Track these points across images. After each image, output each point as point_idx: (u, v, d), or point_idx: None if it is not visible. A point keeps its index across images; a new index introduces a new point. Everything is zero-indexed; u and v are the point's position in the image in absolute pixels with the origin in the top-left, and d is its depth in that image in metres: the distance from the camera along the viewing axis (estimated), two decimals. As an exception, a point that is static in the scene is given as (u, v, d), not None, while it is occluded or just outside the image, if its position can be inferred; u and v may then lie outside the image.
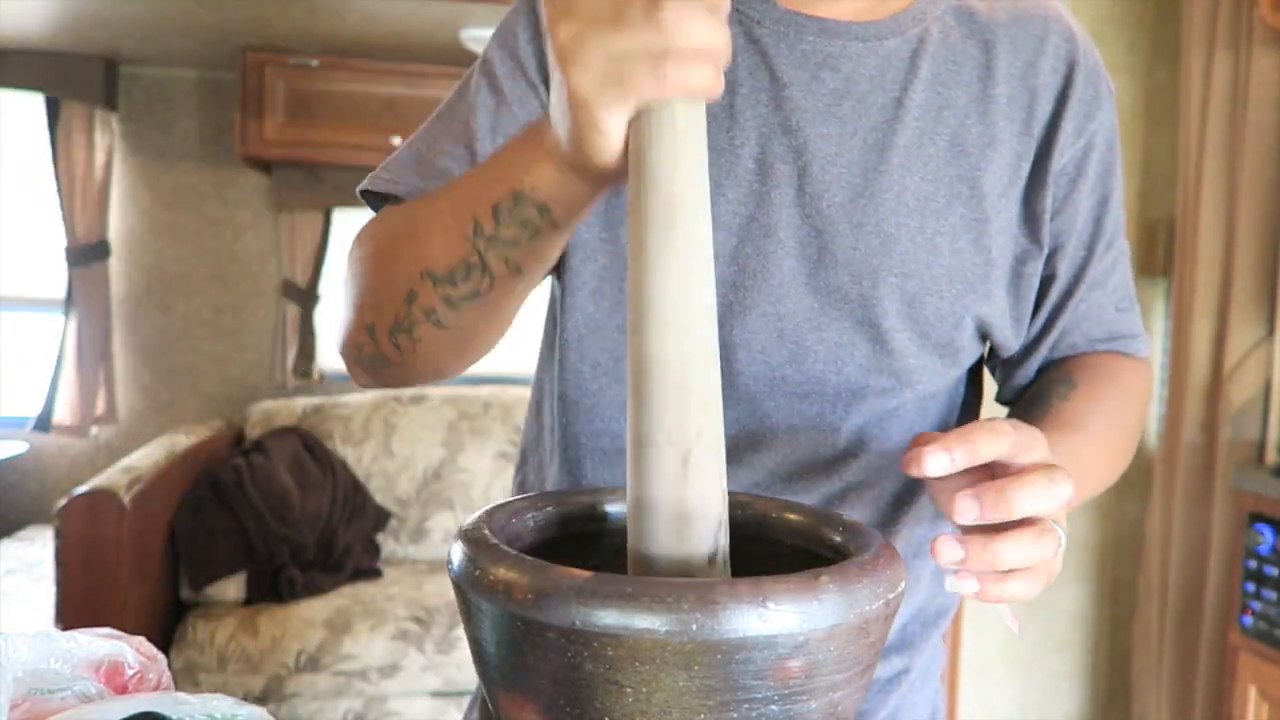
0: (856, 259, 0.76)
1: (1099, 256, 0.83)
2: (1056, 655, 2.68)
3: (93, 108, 3.70)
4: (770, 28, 0.78)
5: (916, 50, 0.78)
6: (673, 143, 0.48)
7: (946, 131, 0.77)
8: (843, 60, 0.77)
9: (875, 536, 0.49)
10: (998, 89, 0.78)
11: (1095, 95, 0.80)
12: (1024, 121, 0.78)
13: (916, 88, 0.77)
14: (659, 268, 0.47)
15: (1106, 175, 0.82)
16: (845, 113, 0.76)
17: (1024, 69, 0.79)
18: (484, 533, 0.47)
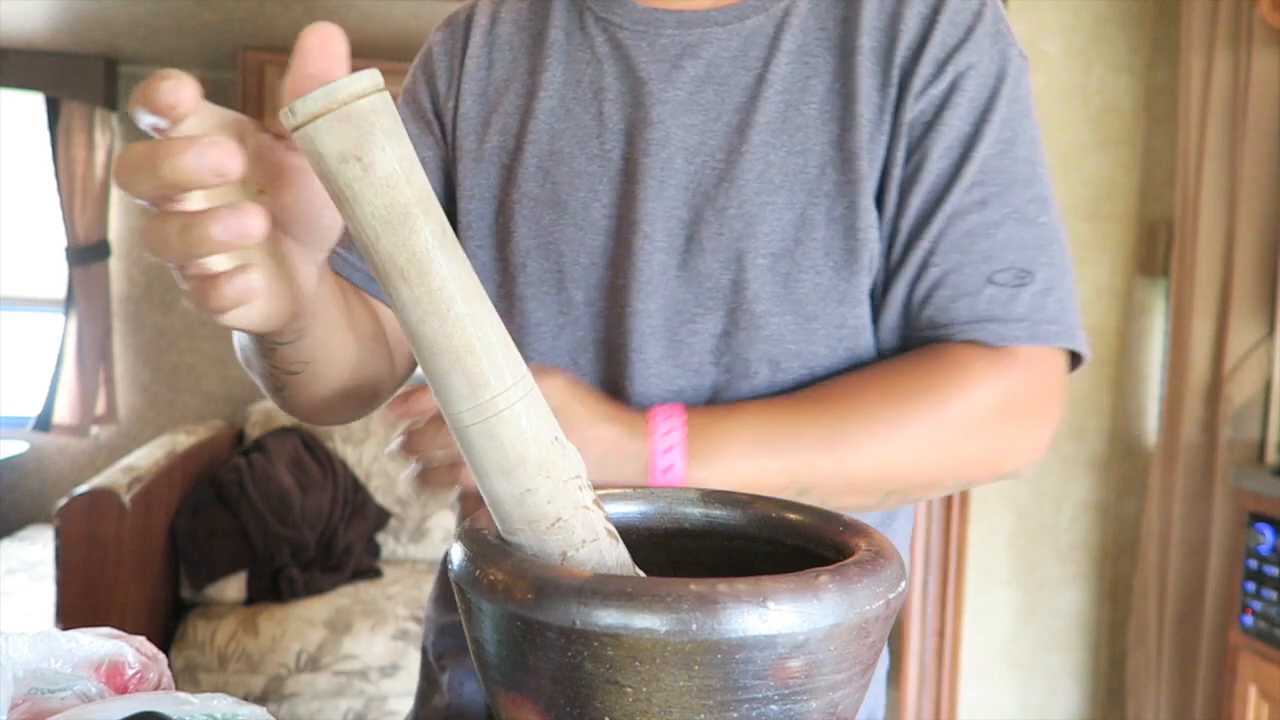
0: (722, 244, 0.74)
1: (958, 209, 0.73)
2: (1056, 655, 2.68)
3: (93, 107, 3.70)
4: (631, 29, 0.79)
5: (781, 23, 0.77)
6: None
7: (814, 100, 0.75)
8: (703, 47, 0.77)
9: (876, 536, 0.49)
10: (860, 41, 0.75)
11: (965, 39, 0.74)
12: (883, 73, 0.75)
13: (780, 61, 0.76)
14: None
15: (979, 121, 0.74)
16: (708, 99, 0.76)
17: (888, 19, 0.75)
18: (483, 532, 0.47)
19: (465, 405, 0.44)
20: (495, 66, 0.84)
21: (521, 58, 0.83)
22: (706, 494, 0.57)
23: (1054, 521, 2.63)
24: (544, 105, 0.80)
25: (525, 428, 0.45)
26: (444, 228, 0.43)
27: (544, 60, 0.81)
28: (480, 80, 0.84)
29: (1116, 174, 2.57)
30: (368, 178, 0.41)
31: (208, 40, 3.39)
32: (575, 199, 0.77)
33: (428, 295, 0.43)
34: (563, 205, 0.78)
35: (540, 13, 0.84)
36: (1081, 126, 2.55)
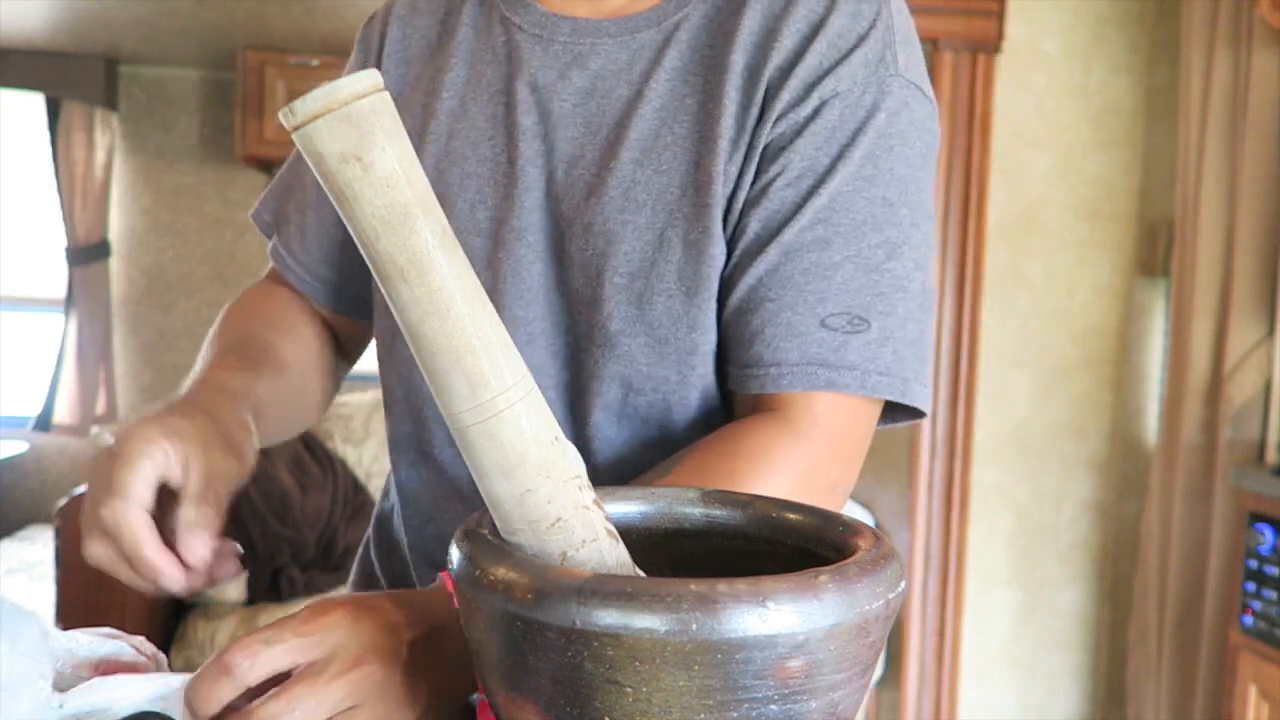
0: (585, 260, 0.73)
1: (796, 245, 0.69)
2: (1056, 655, 2.68)
3: (93, 107, 3.70)
4: (529, 31, 0.78)
5: (668, 39, 0.74)
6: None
7: (687, 119, 0.72)
8: (592, 58, 0.75)
9: (876, 536, 0.49)
10: (731, 58, 0.71)
11: (839, 63, 0.69)
12: (747, 91, 0.70)
13: (659, 77, 0.73)
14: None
15: (837, 155, 0.69)
16: (590, 111, 0.74)
17: (764, 36, 0.71)
18: (483, 532, 0.47)
19: (465, 405, 0.44)
20: (411, 63, 0.84)
21: (432, 53, 0.83)
22: (706, 494, 0.57)
23: (1054, 521, 2.63)
24: (445, 105, 0.79)
25: (525, 428, 0.45)
26: (444, 228, 0.43)
27: (450, 59, 0.81)
28: (397, 78, 0.84)
29: (1116, 174, 2.57)
30: (368, 177, 0.41)
31: (208, 40, 3.39)
32: (463, 199, 0.77)
33: (428, 295, 0.43)
34: (451, 205, 0.77)
35: (454, 7, 0.83)
36: (1081, 126, 2.55)
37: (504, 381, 0.44)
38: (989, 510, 2.58)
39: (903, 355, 0.69)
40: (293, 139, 0.41)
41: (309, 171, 0.79)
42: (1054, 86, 2.52)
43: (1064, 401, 2.60)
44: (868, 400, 0.70)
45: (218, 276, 3.90)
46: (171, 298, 3.90)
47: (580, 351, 0.75)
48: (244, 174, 3.85)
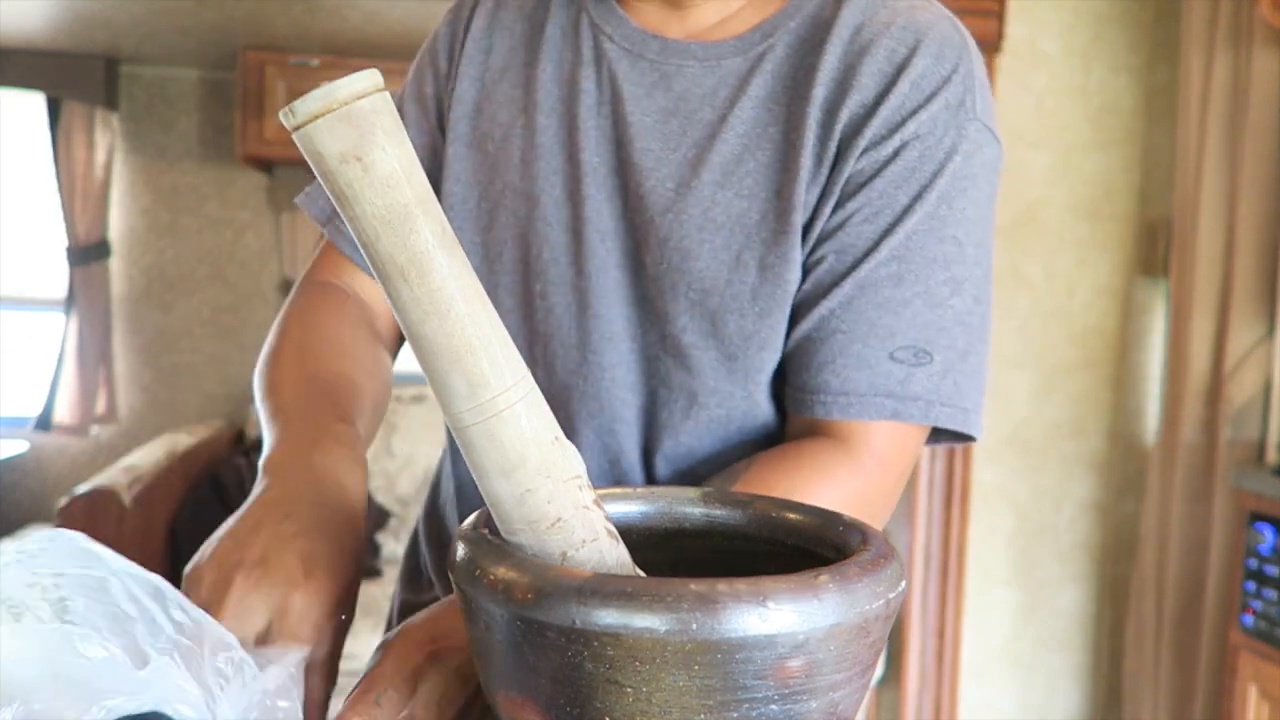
0: (660, 272, 0.76)
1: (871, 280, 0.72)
2: (1056, 655, 2.68)
3: (93, 107, 3.70)
4: (619, 43, 0.80)
5: (753, 68, 0.76)
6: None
7: (769, 147, 0.74)
8: (677, 79, 0.78)
9: (876, 536, 0.49)
10: (813, 91, 0.73)
11: (923, 105, 0.72)
12: (825, 125, 0.73)
13: (744, 105, 0.75)
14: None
15: (916, 194, 0.72)
16: (671, 130, 0.77)
17: (844, 71, 0.73)
18: (484, 531, 0.48)
19: (465, 405, 0.44)
20: (494, 51, 0.85)
21: (519, 47, 0.84)
22: (707, 494, 0.57)
23: (1054, 521, 2.63)
24: (534, 100, 0.81)
25: (525, 428, 0.45)
26: (444, 228, 0.43)
27: (539, 54, 0.82)
28: (479, 64, 0.85)
29: (1116, 174, 2.57)
30: (368, 178, 0.41)
31: (208, 40, 3.39)
32: (548, 195, 0.79)
33: (428, 295, 0.43)
34: (535, 199, 0.80)
35: (542, 3, 0.85)
36: (1081, 126, 2.55)
37: (504, 381, 0.44)
38: (989, 510, 2.58)
39: (963, 386, 0.73)
40: (293, 139, 0.42)
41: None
42: (1054, 86, 2.52)
43: (1064, 401, 2.60)
44: (921, 429, 0.74)
45: (218, 276, 3.90)
46: (171, 298, 3.90)
47: (652, 359, 0.77)
48: (244, 174, 3.85)
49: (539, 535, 0.46)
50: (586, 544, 0.47)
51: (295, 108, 0.40)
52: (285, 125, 0.41)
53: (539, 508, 0.46)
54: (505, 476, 0.45)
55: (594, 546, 0.47)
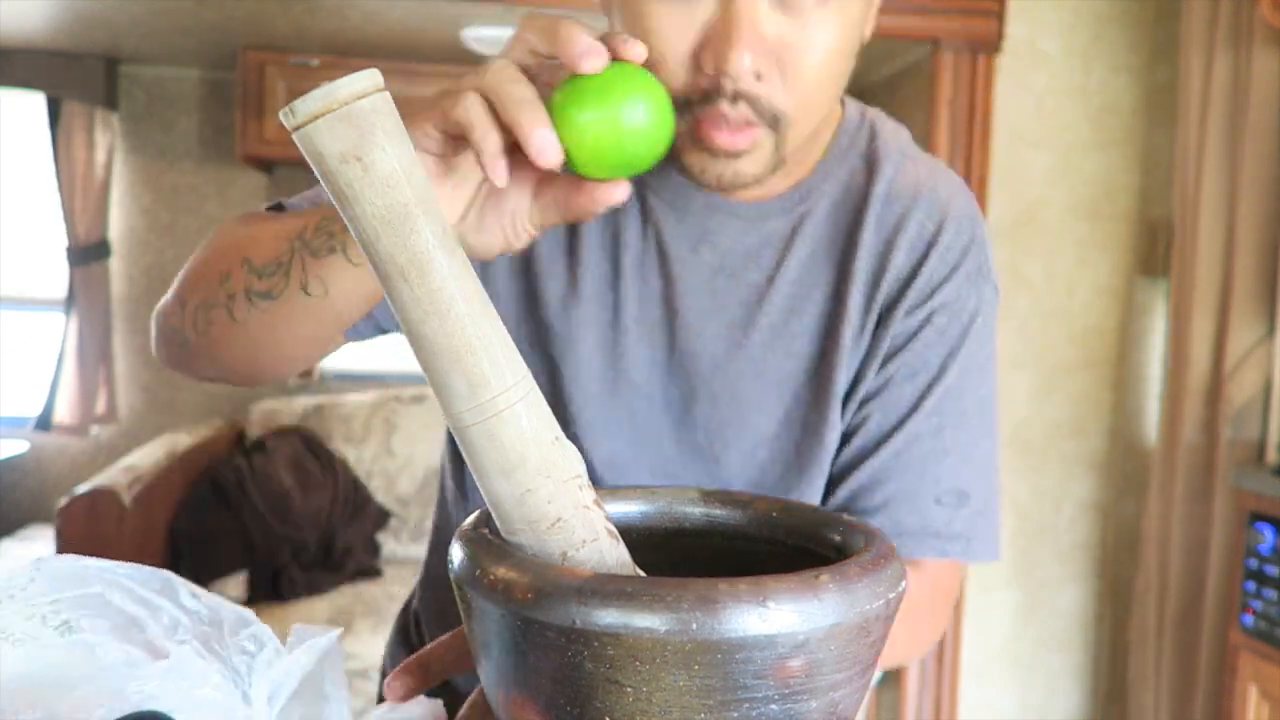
0: (713, 425, 0.80)
1: (915, 434, 0.80)
2: (1057, 655, 2.68)
3: (93, 107, 3.70)
4: (663, 196, 0.80)
5: (796, 229, 0.80)
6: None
7: (813, 309, 0.79)
8: (721, 236, 0.79)
9: (877, 536, 0.49)
10: (857, 264, 0.79)
11: (949, 276, 0.79)
12: (868, 298, 0.79)
13: (789, 267, 0.79)
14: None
15: (947, 356, 0.80)
16: (719, 287, 0.79)
17: (884, 246, 0.79)
18: (484, 532, 0.47)
19: (465, 405, 0.44)
20: None
21: None
22: (707, 494, 0.57)
23: (1054, 521, 2.63)
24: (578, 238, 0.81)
25: (525, 428, 0.45)
26: (444, 228, 0.43)
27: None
28: None
29: (1116, 174, 2.57)
30: (368, 178, 0.41)
31: (208, 40, 3.39)
32: (583, 343, 0.81)
33: (428, 295, 0.43)
34: (571, 345, 0.81)
35: None
36: (1081, 126, 2.55)
37: (504, 382, 0.44)
38: (989, 510, 2.58)
39: (992, 520, 0.82)
40: (293, 139, 0.42)
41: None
42: (1054, 86, 2.52)
43: (1064, 401, 2.60)
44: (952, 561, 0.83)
45: (218, 276, 3.90)
46: (171, 298, 3.90)
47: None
48: (244, 174, 3.85)
49: (539, 535, 0.46)
50: (586, 544, 0.47)
51: (295, 108, 0.40)
52: (285, 125, 0.41)
53: (539, 508, 0.46)
54: (505, 476, 0.45)
55: (594, 546, 0.47)
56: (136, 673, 0.44)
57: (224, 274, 0.72)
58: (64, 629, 0.46)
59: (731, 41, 0.65)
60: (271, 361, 0.77)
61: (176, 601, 0.49)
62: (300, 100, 0.40)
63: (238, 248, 0.72)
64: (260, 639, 0.48)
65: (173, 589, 0.49)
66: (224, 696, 0.44)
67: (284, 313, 0.70)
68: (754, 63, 0.66)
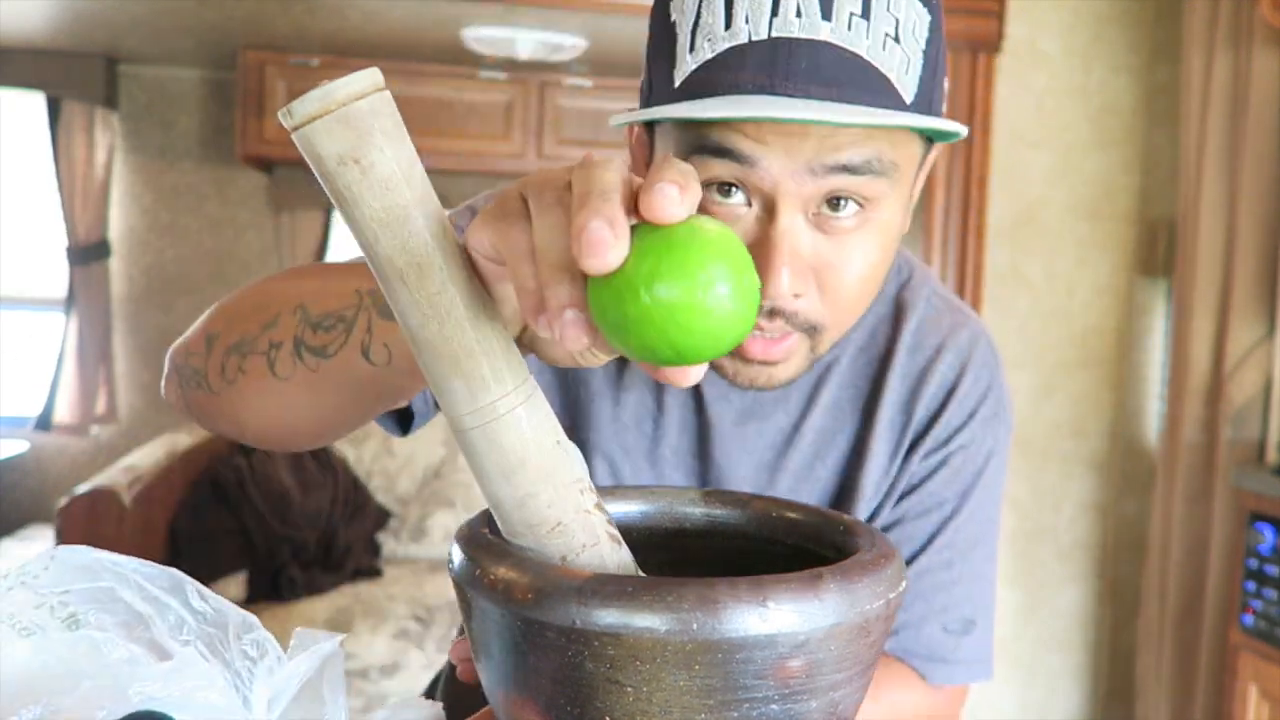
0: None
1: (927, 568, 0.83)
2: (1057, 654, 2.68)
3: (93, 107, 3.70)
4: None
5: (822, 377, 0.82)
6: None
7: (836, 453, 0.82)
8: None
9: (877, 536, 0.49)
10: (882, 413, 0.82)
11: (967, 421, 0.82)
12: (895, 442, 0.82)
13: (814, 415, 0.82)
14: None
15: (960, 496, 0.83)
16: (748, 432, 0.82)
17: (908, 394, 0.82)
18: (484, 532, 0.47)
19: (465, 409, 0.44)
20: None
21: None
22: (707, 494, 0.57)
23: (1054, 521, 2.63)
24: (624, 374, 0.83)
25: (526, 431, 0.44)
26: (444, 229, 0.43)
27: None
28: None
29: (1117, 174, 2.57)
30: (366, 180, 0.41)
31: (208, 40, 3.39)
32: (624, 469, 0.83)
33: (427, 299, 0.42)
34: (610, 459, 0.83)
35: None
36: (1082, 126, 2.54)
37: (504, 386, 0.44)
38: (989, 510, 2.58)
39: (989, 643, 0.86)
40: (293, 139, 0.41)
41: None
42: (1054, 86, 2.52)
43: (1064, 401, 2.60)
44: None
45: (218, 276, 3.90)
46: (171, 298, 3.90)
47: None
48: (244, 174, 3.85)
49: (540, 539, 0.46)
50: (587, 548, 0.47)
51: (293, 108, 0.40)
52: (284, 125, 0.41)
53: (539, 512, 0.45)
54: (506, 480, 0.45)
55: (595, 551, 0.47)
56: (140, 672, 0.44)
57: (270, 318, 0.64)
58: (71, 622, 0.46)
59: (772, 264, 0.64)
60: (299, 427, 0.68)
61: (184, 601, 0.49)
62: (298, 101, 0.40)
63: (292, 292, 0.65)
64: (262, 645, 0.48)
65: (181, 589, 0.49)
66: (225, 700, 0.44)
67: (333, 375, 0.62)
68: (792, 284, 0.66)
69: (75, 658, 0.44)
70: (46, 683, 0.43)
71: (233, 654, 0.47)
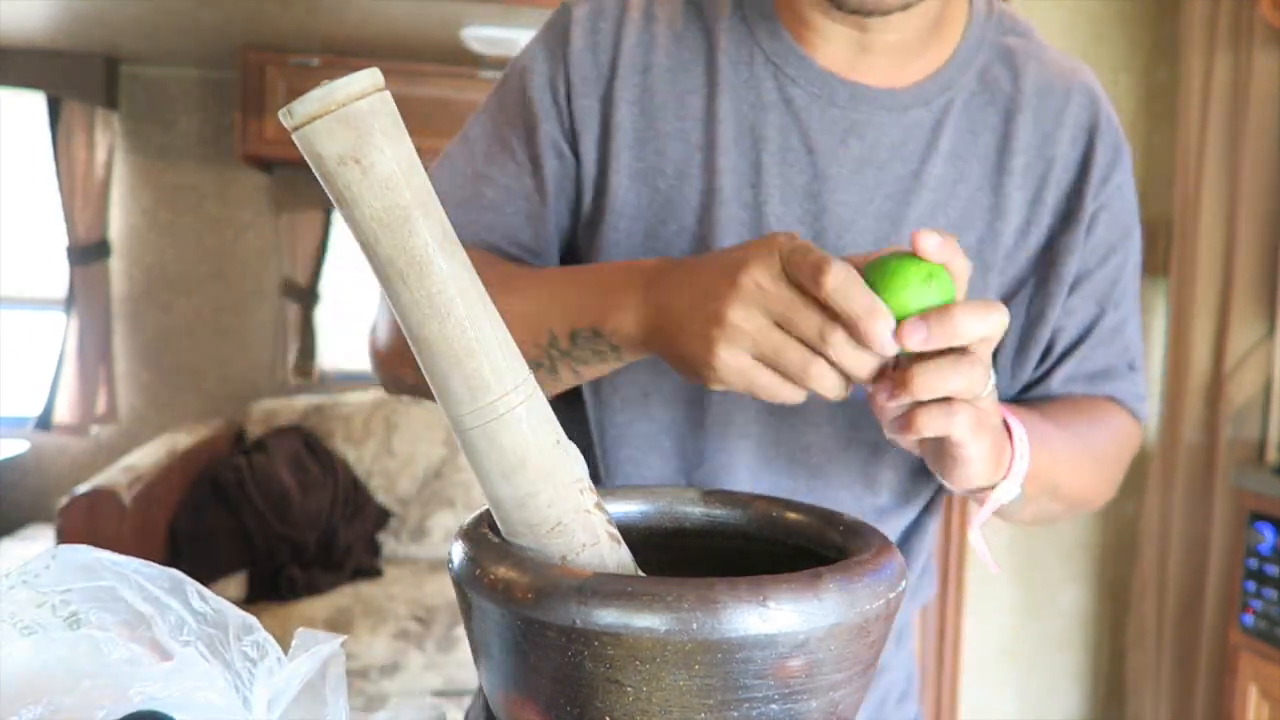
0: None
1: (1109, 315, 0.84)
2: (1057, 654, 2.68)
3: (93, 107, 3.70)
4: (805, 88, 0.78)
5: (939, 121, 0.79)
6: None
7: (959, 204, 0.79)
8: (868, 128, 0.78)
9: (877, 535, 0.49)
10: (1014, 160, 0.79)
11: (1113, 160, 0.81)
12: (1036, 189, 0.80)
13: (935, 161, 0.78)
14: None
15: (1124, 236, 0.83)
16: (866, 181, 0.77)
17: (1042, 140, 0.80)
18: (484, 531, 0.47)
19: (465, 409, 0.44)
20: (653, 72, 0.79)
21: (685, 73, 0.79)
22: (707, 494, 0.57)
23: (1054, 521, 2.63)
24: (713, 138, 0.78)
25: (526, 431, 0.45)
26: (444, 229, 0.43)
27: (716, 87, 0.78)
28: (636, 86, 0.79)
29: (1117, 173, 2.57)
30: (366, 180, 0.41)
31: (208, 40, 3.39)
32: (725, 242, 0.77)
33: (427, 298, 0.43)
34: (709, 247, 0.77)
35: (700, 27, 0.80)
36: (1082, 126, 2.54)
37: (504, 385, 0.44)
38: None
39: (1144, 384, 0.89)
40: (293, 139, 0.41)
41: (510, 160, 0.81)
42: (1054, 86, 2.52)
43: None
44: None
45: (218, 276, 3.90)
46: (172, 297, 3.90)
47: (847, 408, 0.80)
48: (244, 174, 3.85)
49: (540, 539, 0.46)
50: (587, 548, 0.47)
51: (293, 108, 0.40)
52: (285, 125, 0.41)
53: (539, 512, 0.46)
54: (506, 480, 0.45)
55: (594, 550, 0.47)
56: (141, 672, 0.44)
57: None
58: (72, 621, 0.46)
59: None
60: None
61: (185, 602, 0.49)
62: (298, 101, 0.40)
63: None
64: (263, 646, 0.48)
65: (182, 589, 0.49)
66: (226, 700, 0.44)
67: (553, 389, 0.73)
68: None
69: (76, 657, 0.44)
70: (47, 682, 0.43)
71: (233, 655, 0.47)
